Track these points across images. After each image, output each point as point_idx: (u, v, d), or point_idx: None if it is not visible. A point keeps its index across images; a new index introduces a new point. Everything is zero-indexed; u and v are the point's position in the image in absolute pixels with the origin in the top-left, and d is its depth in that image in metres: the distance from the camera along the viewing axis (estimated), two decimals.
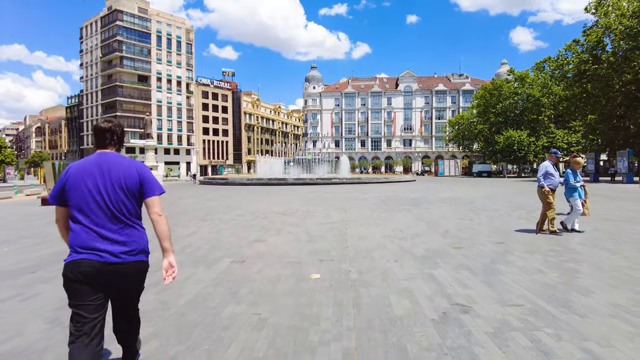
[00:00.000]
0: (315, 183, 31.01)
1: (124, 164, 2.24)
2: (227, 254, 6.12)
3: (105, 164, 2.20)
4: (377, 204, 13.85)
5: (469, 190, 22.57)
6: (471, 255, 5.88)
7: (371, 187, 25.89)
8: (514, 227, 8.57)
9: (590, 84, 32.13)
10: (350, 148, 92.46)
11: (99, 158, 2.22)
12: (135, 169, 2.26)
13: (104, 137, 2.32)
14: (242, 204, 14.46)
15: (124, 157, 2.29)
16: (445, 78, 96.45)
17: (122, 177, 2.19)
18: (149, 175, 2.32)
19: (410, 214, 10.94)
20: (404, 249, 6.30)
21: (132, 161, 2.31)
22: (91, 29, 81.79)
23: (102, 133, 2.31)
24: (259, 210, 12.12)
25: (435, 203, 14.34)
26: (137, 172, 2.26)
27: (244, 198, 17.69)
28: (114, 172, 2.19)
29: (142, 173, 2.27)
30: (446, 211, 11.64)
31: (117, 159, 2.24)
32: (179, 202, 15.92)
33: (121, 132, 2.39)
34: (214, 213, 11.70)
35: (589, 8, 32.60)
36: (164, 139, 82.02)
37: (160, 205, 2.33)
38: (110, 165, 2.20)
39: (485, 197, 17.27)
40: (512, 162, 56.43)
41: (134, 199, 2.25)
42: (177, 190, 26.52)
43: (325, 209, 12.29)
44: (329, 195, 18.81)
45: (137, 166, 2.28)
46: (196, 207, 13.92)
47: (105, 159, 2.22)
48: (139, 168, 2.28)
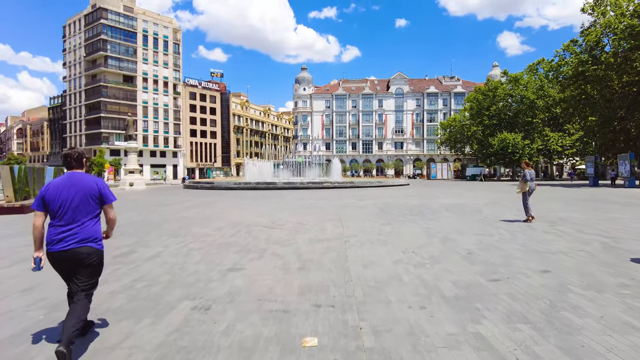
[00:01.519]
0: (306, 187, 29.44)
1: (88, 182, 3.16)
2: (189, 293, 4.52)
3: (75, 181, 3.12)
4: (376, 214, 12.33)
5: (469, 195, 21.22)
6: (518, 293, 4.38)
7: (365, 192, 24.40)
8: (547, 245, 7.11)
9: (590, 85, 31.15)
10: (341, 151, 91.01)
11: (70, 178, 3.14)
12: (96, 184, 3.19)
13: (67, 161, 3.22)
14: (224, 213, 12.83)
15: (88, 175, 3.24)
16: (437, 80, 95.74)
17: (86, 190, 3.11)
18: (106, 189, 3.24)
19: (417, 227, 9.43)
20: (427, 284, 4.78)
21: (93, 178, 3.25)
22: (74, 28, 79.22)
23: (65, 158, 3.22)
24: (242, 222, 10.50)
25: (440, 212, 12.87)
26: (97, 186, 3.19)
27: (228, 205, 16.04)
28: (80, 189, 3.09)
29: (100, 187, 3.21)
30: (456, 223, 10.16)
31: (82, 177, 3.17)
32: (156, 211, 14.21)
33: (78, 155, 3.23)
34: (189, 226, 10.06)
35: (585, 8, 31.63)
36: (150, 141, 79.71)
37: (113, 209, 3.31)
38: (79, 183, 3.12)
39: (491, 203, 15.90)
40: (507, 164, 55.51)
41: (96, 204, 3.18)
42: (159, 195, 24.70)
43: (319, 220, 10.73)
44: (322, 202, 17.24)
45: (97, 182, 3.22)
46: (173, 216, 12.25)
47: (73, 179, 3.14)
48: (98, 183, 3.22)
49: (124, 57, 75.63)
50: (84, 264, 3.06)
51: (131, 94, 77.02)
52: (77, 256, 3.01)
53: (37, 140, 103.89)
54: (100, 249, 3.18)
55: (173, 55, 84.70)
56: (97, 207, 3.17)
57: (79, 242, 3.02)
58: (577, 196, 19.86)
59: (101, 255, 3.20)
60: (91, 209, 3.12)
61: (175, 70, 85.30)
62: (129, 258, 6.41)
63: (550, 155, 54.46)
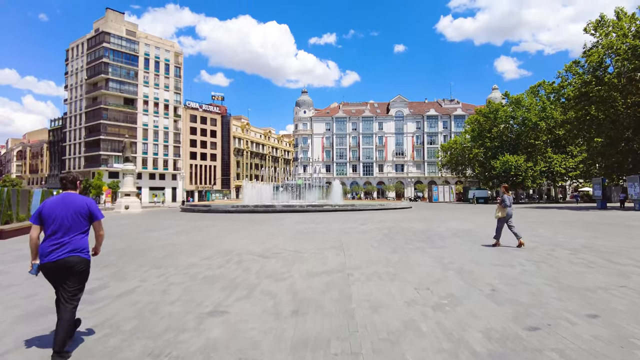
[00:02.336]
0: (306, 210, 28.52)
1: (79, 202, 3.63)
2: (154, 347, 3.59)
3: (68, 201, 3.59)
4: (381, 240, 11.39)
5: (475, 219, 20.28)
6: (569, 350, 3.45)
7: (367, 216, 23.46)
8: (580, 280, 6.17)
9: (594, 105, 30.65)
10: (342, 173, 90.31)
11: (64, 198, 3.61)
12: (86, 203, 3.65)
13: (63, 183, 3.74)
14: (216, 240, 11.90)
15: (80, 195, 3.73)
16: (437, 103, 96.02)
17: (77, 209, 3.58)
18: (95, 208, 3.70)
19: (427, 256, 8.50)
20: (451, 335, 3.85)
21: (84, 198, 3.70)
22: (77, 51, 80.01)
23: (61, 180, 3.77)
24: (234, 250, 9.57)
25: (449, 238, 11.94)
26: (87, 205, 3.64)
27: (222, 230, 15.11)
28: (72, 207, 3.57)
29: (90, 206, 3.65)
30: (469, 251, 9.23)
31: (75, 197, 3.65)
32: (144, 237, 13.28)
33: (72, 178, 3.76)
34: (175, 254, 9.13)
35: (588, 29, 31.48)
36: (149, 163, 79.20)
37: (101, 226, 3.80)
38: (71, 203, 3.59)
39: (491, 224, 14.94)
40: (509, 187, 54.68)
41: (86, 221, 3.64)
42: (152, 219, 23.77)
43: (319, 248, 9.79)
44: (322, 226, 16.31)
45: (87, 202, 3.68)
46: (160, 243, 11.33)
47: (67, 199, 3.61)
48: (88, 203, 3.67)
49: (125, 79, 75.98)
50: (73, 272, 3.50)
51: (131, 117, 76.97)
52: (67, 264, 3.46)
53: (36, 162, 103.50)
54: (88, 258, 3.65)
55: (174, 78, 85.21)
56: (87, 224, 3.66)
57: (69, 252, 3.47)
58: (590, 220, 18.90)
59: (88, 264, 3.66)
60: (81, 225, 3.59)
61: (176, 93, 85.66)
62: (96, 295, 5.49)
63: (553, 178, 53.66)
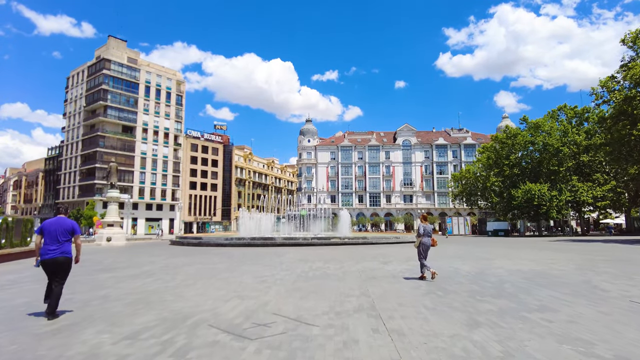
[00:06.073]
0: (310, 244, 24.41)
1: (67, 222, 5.96)
2: None
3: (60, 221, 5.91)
4: (430, 293, 7.35)
5: (524, 255, 16.11)
6: None
7: (385, 251, 19.32)
8: None
9: (638, 125, 26.94)
10: (347, 204, 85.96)
11: (57, 219, 5.93)
12: (71, 224, 5.97)
13: (58, 210, 6.20)
14: (176, 290, 7.91)
15: (67, 219, 6.05)
16: (445, 132, 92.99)
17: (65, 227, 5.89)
18: (76, 227, 6.03)
19: (548, 334, 4.47)
20: None
21: (70, 220, 6.06)
22: (77, 79, 78.37)
23: (57, 207, 6.47)
24: (191, 315, 5.55)
25: (533, 289, 7.86)
26: (71, 225, 5.95)
27: (197, 272, 11.09)
28: (62, 225, 5.86)
29: (73, 226, 5.97)
30: (603, 316, 5.19)
31: (64, 220, 5.97)
32: (82, 282, 9.28)
33: (64, 209, 6.35)
34: (85, 321, 5.15)
35: (626, 41, 28.34)
36: (147, 193, 75.62)
37: (79, 239, 6.07)
38: (61, 223, 5.89)
39: (581, 268, 10.81)
40: (531, 218, 50.10)
41: (70, 235, 5.91)
42: (127, 254, 19.71)
43: (336, 312, 5.77)
44: (333, 266, 12.24)
45: (72, 223, 6.00)
46: (90, 295, 7.36)
47: (59, 220, 5.93)
48: (72, 223, 5.99)
49: (124, 107, 73.69)
50: (62, 267, 5.76)
51: (129, 145, 74.11)
52: (58, 261, 5.69)
53: (30, 192, 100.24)
54: (71, 257, 5.90)
55: (175, 106, 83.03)
56: (70, 237, 5.93)
57: (60, 253, 5.69)
58: None
59: (70, 262, 5.91)
60: (68, 237, 5.86)
61: (177, 122, 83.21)
62: None
63: (579, 208, 49.17)
